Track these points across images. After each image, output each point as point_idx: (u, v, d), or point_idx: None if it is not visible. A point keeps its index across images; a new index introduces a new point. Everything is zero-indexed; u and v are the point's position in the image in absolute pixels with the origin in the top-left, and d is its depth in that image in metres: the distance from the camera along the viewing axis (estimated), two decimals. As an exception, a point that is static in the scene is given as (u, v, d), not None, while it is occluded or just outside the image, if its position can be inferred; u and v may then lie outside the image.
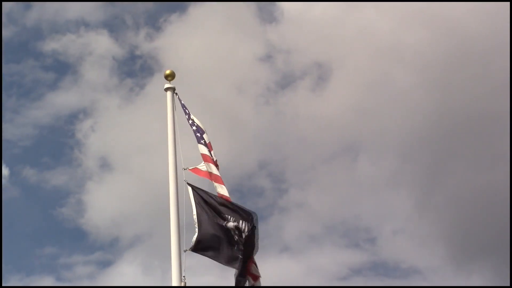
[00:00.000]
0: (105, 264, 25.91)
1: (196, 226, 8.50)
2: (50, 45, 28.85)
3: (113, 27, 30.39)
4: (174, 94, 9.37)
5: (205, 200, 8.71)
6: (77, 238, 26.82)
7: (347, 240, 26.71)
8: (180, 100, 9.39)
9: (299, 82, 29.09)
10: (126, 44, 29.73)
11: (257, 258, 8.65)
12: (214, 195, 8.80)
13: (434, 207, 26.29)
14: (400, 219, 26.68)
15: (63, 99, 28.72)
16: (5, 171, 26.33)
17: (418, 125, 26.77)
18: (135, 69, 30.22)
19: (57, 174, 28.02)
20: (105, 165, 27.30)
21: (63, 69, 29.94)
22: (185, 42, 28.58)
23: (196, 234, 8.46)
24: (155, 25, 30.39)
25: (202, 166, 9.05)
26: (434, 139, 26.82)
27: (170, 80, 9.40)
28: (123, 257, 25.56)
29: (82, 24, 29.35)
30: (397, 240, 26.33)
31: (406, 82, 27.66)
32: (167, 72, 9.41)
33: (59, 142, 29.34)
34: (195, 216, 8.55)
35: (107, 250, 26.41)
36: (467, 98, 26.49)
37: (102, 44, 29.14)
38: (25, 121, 28.53)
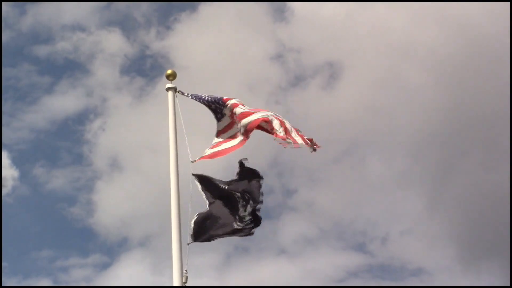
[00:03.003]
0: (113, 264, 25.99)
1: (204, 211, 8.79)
2: (46, 49, 29.02)
3: (123, 26, 30.56)
4: (175, 94, 9.48)
5: (215, 186, 8.97)
6: (87, 238, 26.93)
7: (353, 241, 26.66)
8: (186, 94, 9.52)
9: (309, 81, 29.14)
10: (137, 43, 29.90)
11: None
12: (220, 180, 9.05)
13: (444, 206, 26.23)
14: (409, 219, 26.61)
15: (69, 99, 28.86)
16: (14, 173, 26.52)
17: (429, 123, 26.74)
18: (145, 68, 30.39)
19: (67, 173, 28.19)
20: (115, 164, 27.43)
21: (68, 69, 30.10)
22: (195, 41, 28.70)
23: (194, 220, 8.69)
24: (165, 24, 30.54)
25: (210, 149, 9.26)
26: (445, 138, 26.77)
27: (171, 80, 9.55)
28: (132, 257, 25.66)
29: (78, 28, 29.52)
30: (405, 241, 26.27)
31: (417, 80, 27.63)
32: (168, 72, 9.56)
33: (68, 142, 29.52)
34: (207, 203, 8.86)
35: (116, 250, 26.54)
36: (479, 97, 26.43)
37: (112, 43, 29.31)
38: (30, 121, 28.71)
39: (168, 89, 9.47)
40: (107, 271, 25.33)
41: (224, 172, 9.46)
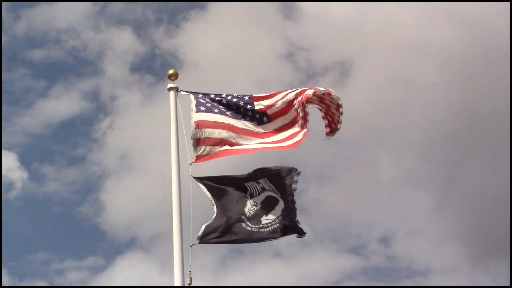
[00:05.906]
0: (121, 263, 25.99)
1: (215, 214, 8.66)
2: (41, 53, 29.06)
3: (131, 24, 30.61)
4: (177, 93, 9.44)
5: (221, 187, 8.84)
6: (95, 238, 26.98)
7: (356, 242, 26.53)
8: (189, 92, 9.44)
9: (320, 79, 29.10)
10: (146, 41, 29.94)
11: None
12: (228, 176, 8.94)
13: (452, 206, 26.12)
14: (418, 219, 26.49)
15: (76, 97, 28.89)
16: (23, 174, 26.60)
17: (439, 122, 26.65)
18: (155, 67, 30.40)
19: (75, 172, 28.24)
20: (124, 163, 27.46)
21: (67, 71, 30.11)
22: (204, 39, 28.74)
23: (207, 223, 8.61)
24: (174, 22, 30.57)
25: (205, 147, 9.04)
26: (455, 136, 26.67)
27: (173, 80, 9.51)
28: (139, 256, 25.67)
29: (74, 30, 29.54)
30: (413, 241, 26.15)
31: (427, 79, 27.55)
32: (170, 72, 9.52)
33: (77, 140, 29.56)
34: (214, 207, 8.73)
35: (124, 249, 26.56)
36: (490, 96, 26.31)
37: (121, 41, 29.37)
38: (36, 119, 28.74)
39: (169, 89, 9.43)
40: (114, 270, 25.41)
41: (232, 172, 9.39)
